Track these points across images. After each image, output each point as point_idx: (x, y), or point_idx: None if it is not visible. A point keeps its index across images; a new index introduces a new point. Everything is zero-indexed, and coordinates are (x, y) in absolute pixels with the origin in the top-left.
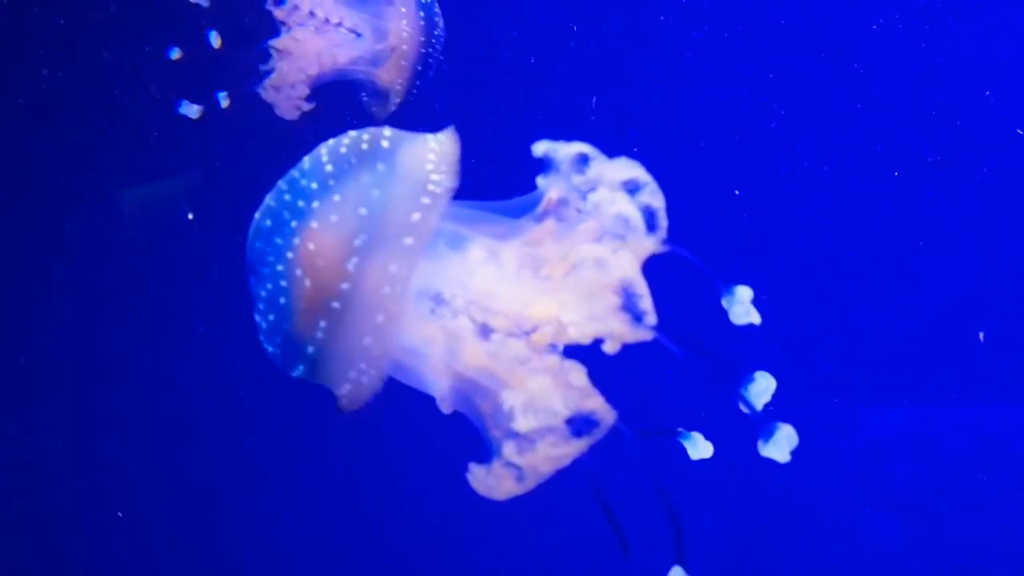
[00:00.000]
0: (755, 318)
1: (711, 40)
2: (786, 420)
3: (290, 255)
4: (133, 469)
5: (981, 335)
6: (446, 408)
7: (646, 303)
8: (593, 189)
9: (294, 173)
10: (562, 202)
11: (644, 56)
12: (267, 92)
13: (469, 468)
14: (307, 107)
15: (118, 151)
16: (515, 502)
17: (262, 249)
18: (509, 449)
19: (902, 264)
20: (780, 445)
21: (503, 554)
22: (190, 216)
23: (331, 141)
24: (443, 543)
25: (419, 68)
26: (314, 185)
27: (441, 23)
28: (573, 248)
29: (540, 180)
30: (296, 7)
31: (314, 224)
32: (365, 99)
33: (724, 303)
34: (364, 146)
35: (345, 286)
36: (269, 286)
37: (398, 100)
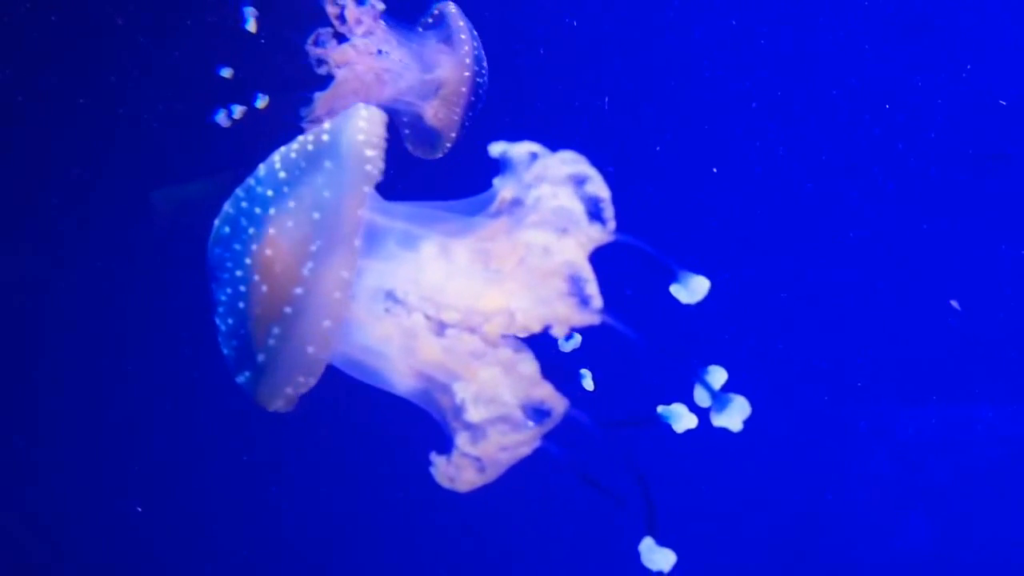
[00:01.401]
0: (695, 300)
1: (677, 33)
2: (822, 420)
3: (248, 261)
4: (136, 467)
5: (954, 303)
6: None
7: (592, 287)
8: (536, 185)
9: (250, 181)
10: (516, 201)
11: (613, 53)
12: (308, 124)
13: (431, 460)
14: None
15: (154, 153)
16: (487, 494)
17: (221, 255)
18: (463, 440)
19: (936, 264)
20: (732, 415)
21: (477, 547)
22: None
23: (283, 147)
24: (415, 537)
25: (466, 106)
26: (269, 192)
27: (485, 62)
28: (520, 239)
29: (496, 180)
30: (350, 42)
31: (271, 230)
32: (407, 132)
33: (674, 290)
34: (310, 147)
35: (299, 291)
36: (228, 291)
37: (449, 142)
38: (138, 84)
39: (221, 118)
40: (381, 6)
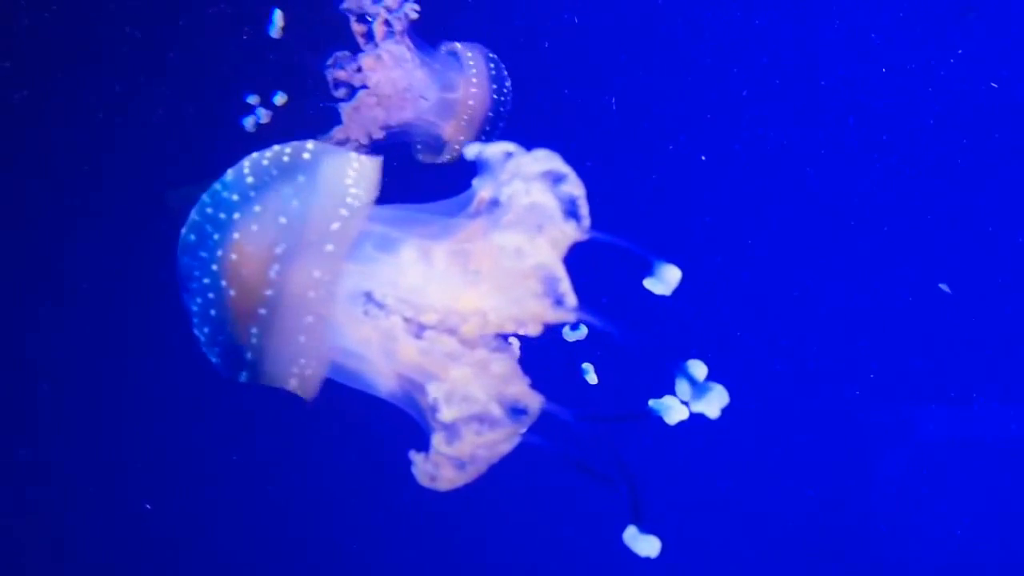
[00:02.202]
0: (664, 292)
1: (659, 35)
2: (842, 419)
3: (215, 267)
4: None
5: (944, 286)
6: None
7: (565, 287)
8: (509, 183)
9: (217, 186)
10: (494, 201)
11: (607, 51)
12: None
13: (411, 459)
14: None
15: (169, 151)
16: (476, 491)
17: (189, 264)
18: (438, 439)
19: (956, 263)
20: (710, 402)
21: (466, 544)
22: None
23: (255, 154)
24: (406, 534)
25: (485, 128)
26: (235, 197)
27: (508, 85)
28: (493, 241)
29: (475, 181)
30: (371, 64)
31: (236, 235)
32: (419, 147)
33: (647, 283)
34: (286, 159)
35: (269, 292)
36: (199, 300)
37: (455, 155)
38: (161, 85)
39: (249, 123)
40: (414, 14)
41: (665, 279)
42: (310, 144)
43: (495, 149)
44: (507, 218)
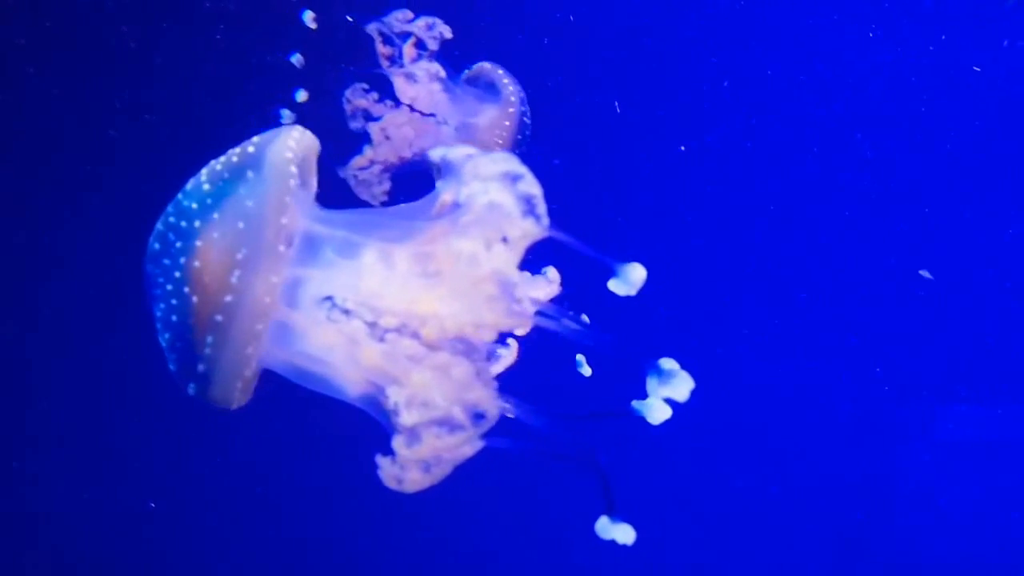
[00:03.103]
0: (629, 292)
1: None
2: (865, 418)
3: (177, 275)
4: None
5: (925, 272)
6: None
7: (521, 291)
8: (467, 183)
9: (179, 195)
10: (456, 203)
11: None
12: (349, 174)
13: (376, 462)
14: (384, 196)
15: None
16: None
17: (153, 272)
18: (399, 443)
19: (979, 264)
20: (677, 387)
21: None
22: None
23: (212, 162)
24: (385, 535)
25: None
26: (194, 205)
27: (529, 120)
28: (451, 244)
29: (438, 183)
30: (403, 84)
31: (198, 243)
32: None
33: (612, 284)
34: (235, 159)
35: (229, 299)
36: (162, 306)
37: None
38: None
39: (287, 116)
40: (448, 33)
41: (629, 280)
42: (255, 138)
43: (457, 152)
44: (466, 219)
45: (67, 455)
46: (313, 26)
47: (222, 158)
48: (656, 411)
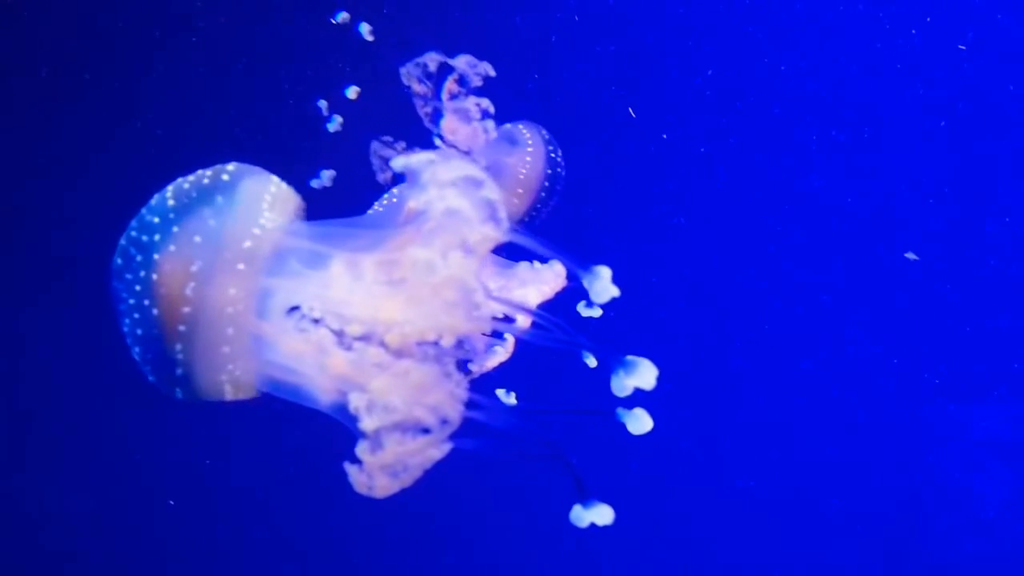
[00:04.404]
0: (607, 298)
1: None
2: (899, 417)
3: (138, 288)
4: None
5: (910, 255)
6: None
7: (479, 296)
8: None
9: (143, 211)
10: (421, 210)
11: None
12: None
13: (345, 469)
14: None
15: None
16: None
17: (116, 287)
18: (362, 448)
19: (1017, 263)
20: (642, 376)
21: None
22: None
23: (179, 179)
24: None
25: (536, 207)
26: (156, 219)
27: (562, 167)
28: (410, 252)
29: (404, 191)
30: (453, 124)
31: (156, 256)
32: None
33: (585, 282)
34: (206, 181)
35: (187, 310)
36: (127, 320)
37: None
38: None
39: (334, 125)
40: (492, 71)
41: (598, 284)
42: (231, 166)
43: (418, 158)
44: (427, 226)
45: (56, 456)
46: (370, 38)
47: (191, 177)
48: (637, 421)
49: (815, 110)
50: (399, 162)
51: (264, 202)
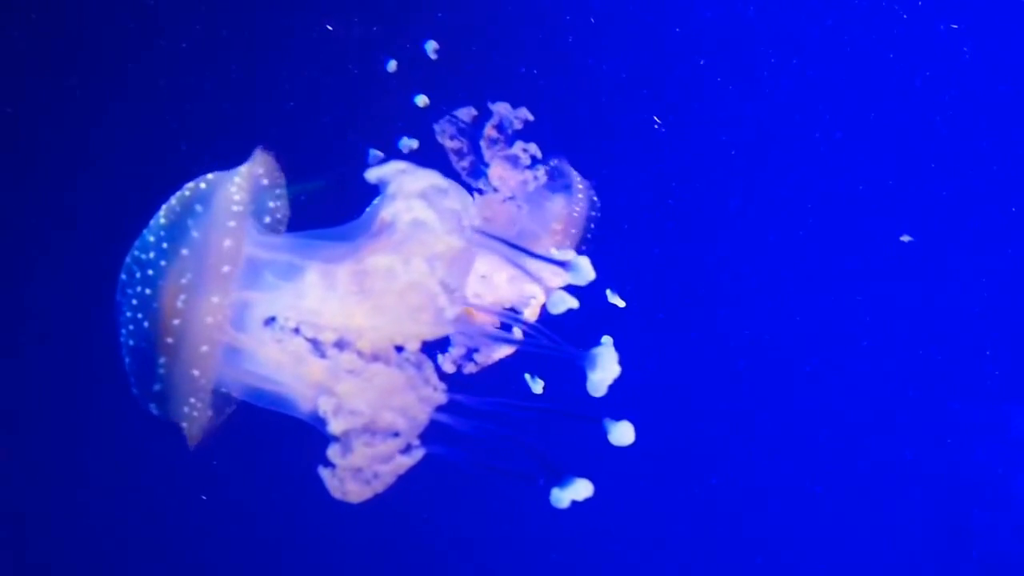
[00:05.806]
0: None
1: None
2: (937, 416)
3: (135, 302)
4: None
5: (906, 238)
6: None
7: (442, 300)
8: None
9: (144, 230)
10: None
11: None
12: None
13: (319, 473)
14: None
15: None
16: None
17: (120, 301)
18: (333, 452)
19: None
20: (605, 367)
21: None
22: None
23: (173, 196)
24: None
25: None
26: (151, 238)
27: (599, 213)
28: (376, 261)
29: (377, 202)
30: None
31: (149, 271)
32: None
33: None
34: (187, 193)
35: (176, 322)
36: (123, 332)
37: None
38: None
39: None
40: (531, 116)
41: (579, 271)
42: (209, 176)
43: (388, 169)
44: (396, 236)
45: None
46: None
47: (179, 193)
48: (619, 433)
49: (819, 110)
50: (373, 173)
51: (233, 192)
